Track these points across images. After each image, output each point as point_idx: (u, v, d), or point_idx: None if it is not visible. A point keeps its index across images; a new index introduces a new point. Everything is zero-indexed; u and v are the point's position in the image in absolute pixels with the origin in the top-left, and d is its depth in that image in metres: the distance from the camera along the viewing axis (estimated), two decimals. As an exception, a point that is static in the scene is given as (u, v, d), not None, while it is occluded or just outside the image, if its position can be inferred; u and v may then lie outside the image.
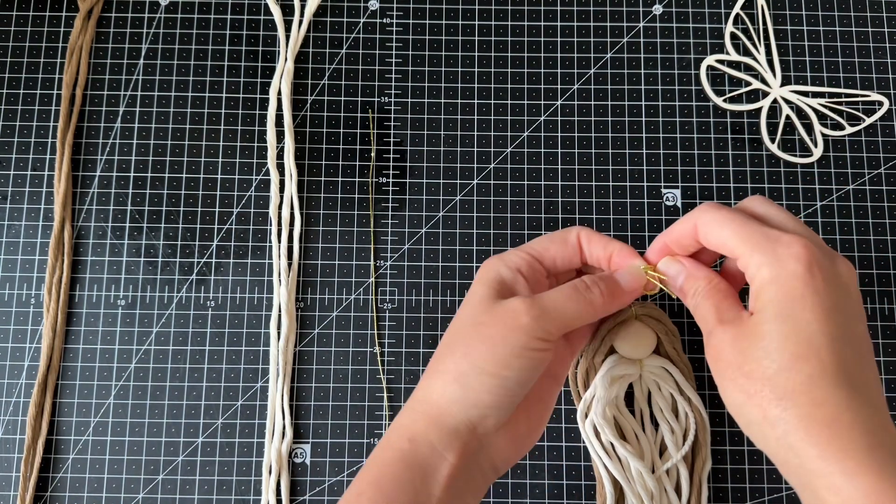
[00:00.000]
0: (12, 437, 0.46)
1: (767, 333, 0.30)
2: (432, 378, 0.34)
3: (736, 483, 0.45)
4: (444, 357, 0.34)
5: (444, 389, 0.33)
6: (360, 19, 0.51)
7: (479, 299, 0.35)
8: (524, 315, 0.33)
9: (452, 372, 0.33)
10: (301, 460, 0.46)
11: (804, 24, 0.51)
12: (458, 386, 0.33)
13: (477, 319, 0.34)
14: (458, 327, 0.35)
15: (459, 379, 0.33)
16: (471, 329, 0.34)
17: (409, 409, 0.34)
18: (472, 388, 0.33)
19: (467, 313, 0.35)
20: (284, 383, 0.46)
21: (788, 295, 0.30)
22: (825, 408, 0.28)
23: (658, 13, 0.51)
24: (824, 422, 0.28)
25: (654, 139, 0.50)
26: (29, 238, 0.48)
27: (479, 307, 0.34)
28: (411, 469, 0.32)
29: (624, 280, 0.36)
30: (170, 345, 0.47)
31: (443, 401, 0.33)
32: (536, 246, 0.37)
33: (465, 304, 0.36)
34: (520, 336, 0.33)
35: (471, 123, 0.50)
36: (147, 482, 0.45)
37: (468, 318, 0.35)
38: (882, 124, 0.50)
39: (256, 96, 0.50)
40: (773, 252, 0.30)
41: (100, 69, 0.51)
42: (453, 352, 0.34)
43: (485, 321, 0.34)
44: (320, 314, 0.48)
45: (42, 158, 0.49)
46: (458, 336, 0.34)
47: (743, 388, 0.30)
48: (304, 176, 0.49)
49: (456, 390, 0.33)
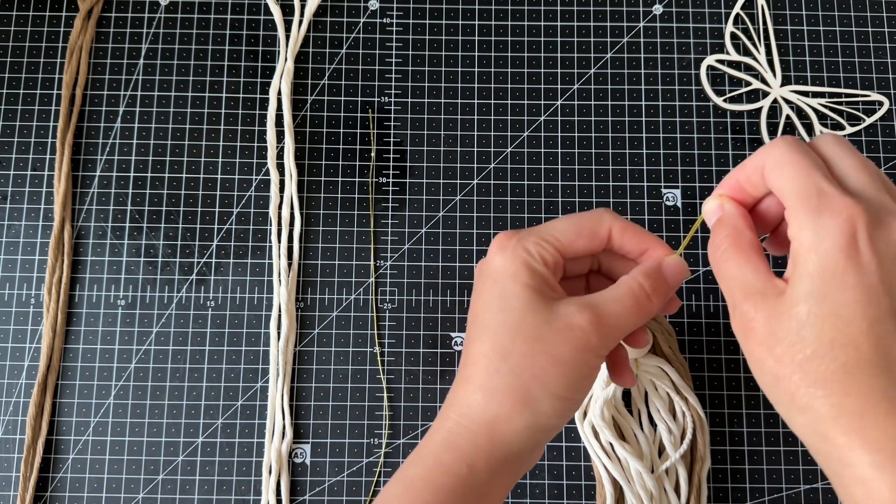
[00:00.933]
0: (12, 437, 0.46)
1: (801, 315, 0.27)
2: (490, 396, 0.31)
3: (736, 483, 0.45)
4: (500, 371, 0.31)
5: (511, 415, 0.31)
6: (360, 19, 0.51)
7: (524, 303, 0.31)
8: (594, 336, 0.30)
9: (519, 396, 0.31)
10: (301, 460, 0.46)
11: (804, 24, 0.51)
12: (529, 413, 0.31)
13: (537, 335, 0.31)
14: (509, 341, 0.31)
15: (530, 404, 0.30)
16: (534, 346, 0.31)
17: (465, 429, 0.31)
18: (544, 414, 0.31)
19: (514, 319, 0.31)
20: (284, 383, 0.46)
21: (828, 270, 0.26)
22: (857, 397, 0.26)
23: (658, 13, 0.51)
24: (856, 412, 0.26)
25: (654, 139, 0.50)
26: (29, 238, 0.48)
27: (529, 314, 0.31)
28: (469, 498, 0.31)
29: (671, 276, 0.33)
30: (170, 345, 0.47)
31: (510, 428, 0.31)
32: (561, 238, 0.32)
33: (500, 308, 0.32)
34: (589, 357, 0.30)
35: (471, 123, 0.50)
36: (147, 482, 0.45)
37: (522, 333, 0.31)
38: (882, 124, 0.50)
39: (256, 96, 0.50)
40: (818, 214, 0.27)
41: (100, 69, 0.51)
42: (512, 369, 0.31)
43: (546, 337, 0.31)
44: (320, 314, 0.48)
45: (42, 158, 0.49)
46: (513, 349, 0.31)
47: (772, 370, 0.28)
48: (304, 176, 0.49)
49: (526, 417, 0.31)
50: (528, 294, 0.31)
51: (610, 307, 0.31)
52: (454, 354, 0.47)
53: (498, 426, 0.31)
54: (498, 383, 0.31)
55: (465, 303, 0.48)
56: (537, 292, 0.31)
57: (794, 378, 0.27)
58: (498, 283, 0.32)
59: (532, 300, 0.31)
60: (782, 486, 0.45)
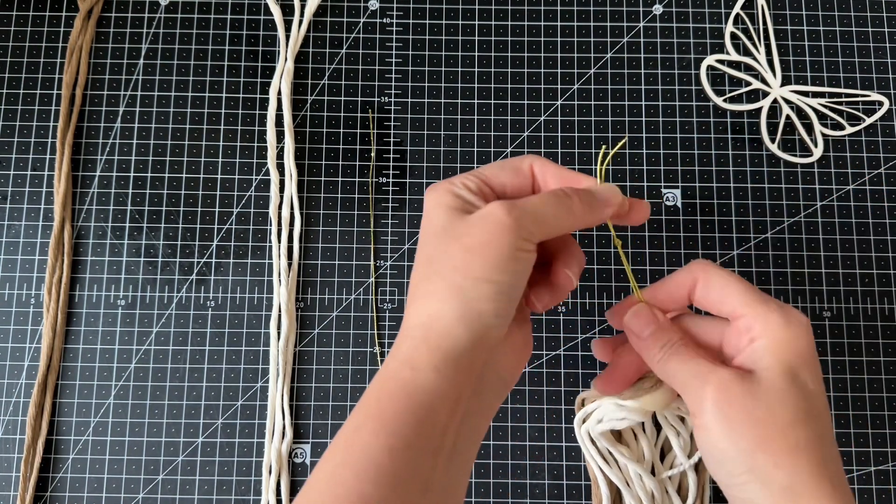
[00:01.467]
0: (12, 437, 0.46)
1: (780, 387, 0.31)
2: (423, 301, 0.32)
3: (736, 483, 0.45)
4: (429, 277, 0.32)
5: (442, 308, 0.31)
6: (360, 19, 0.51)
7: (444, 220, 0.33)
8: (506, 216, 0.31)
9: (445, 289, 0.31)
10: (301, 460, 0.46)
11: (804, 24, 0.51)
12: (457, 301, 0.31)
13: (454, 233, 0.32)
14: (433, 248, 0.32)
15: (456, 294, 0.31)
16: (451, 243, 0.32)
17: (407, 337, 0.32)
18: (472, 300, 0.31)
19: (437, 235, 0.33)
20: (284, 383, 0.46)
21: (799, 358, 0.32)
22: (831, 465, 0.31)
23: (658, 13, 0.51)
24: (830, 477, 0.30)
25: (654, 139, 0.50)
26: (29, 238, 0.48)
27: (449, 224, 0.32)
28: (414, 398, 0.30)
29: (602, 195, 0.34)
30: (170, 345, 0.47)
31: (443, 322, 0.31)
32: (486, 171, 0.35)
33: (426, 231, 0.33)
34: (508, 237, 0.31)
35: (471, 123, 0.50)
36: (147, 482, 0.45)
37: (441, 237, 0.32)
38: (882, 124, 0.50)
39: (256, 96, 0.50)
40: (786, 316, 0.32)
41: (100, 69, 0.51)
42: (437, 269, 0.32)
43: (465, 232, 0.32)
44: (320, 314, 0.48)
45: (42, 158, 0.49)
46: (437, 254, 0.32)
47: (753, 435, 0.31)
48: (304, 176, 0.49)
49: (455, 306, 0.31)
50: (448, 211, 0.33)
51: (528, 199, 0.33)
52: (454, 354, 0.47)
53: (432, 323, 0.31)
54: (428, 287, 0.32)
55: (465, 303, 0.48)
56: (458, 209, 0.33)
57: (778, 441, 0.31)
58: (427, 215, 0.34)
59: (452, 213, 0.33)
60: (782, 486, 0.45)
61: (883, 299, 0.47)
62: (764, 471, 0.30)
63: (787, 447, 0.30)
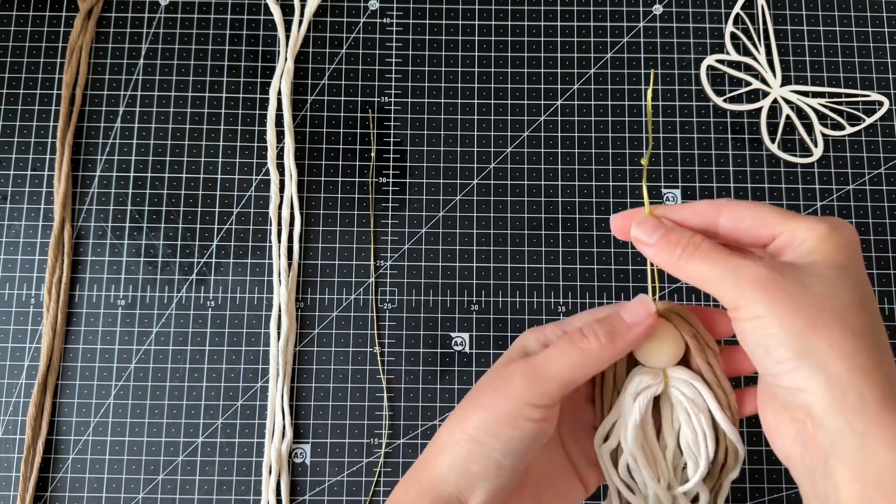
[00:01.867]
0: (12, 437, 0.46)
1: (832, 276, 0.29)
2: (429, 447, 0.33)
3: (736, 483, 0.45)
4: (444, 426, 0.33)
5: (437, 457, 0.32)
6: (360, 19, 0.52)
7: (492, 369, 0.33)
8: (517, 378, 0.30)
9: (445, 440, 0.32)
10: (301, 460, 0.46)
11: (804, 24, 0.51)
12: (448, 454, 0.31)
13: (477, 387, 0.32)
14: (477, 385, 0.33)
15: (451, 448, 0.31)
16: (469, 397, 0.32)
17: (405, 479, 0.33)
18: (461, 457, 0.31)
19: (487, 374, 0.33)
20: (284, 383, 0.46)
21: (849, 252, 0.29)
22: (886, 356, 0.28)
23: (658, 13, 0.51)
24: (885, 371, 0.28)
25: (653, 139, 0.50)
26: (29, 238, 0.48)
27: (487, 376, 0.32)
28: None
29: (628, 313, 0.32)
30: (170, 345, 0.47)
31: (436, 470, 0.31)
32: (576, 322, 0.33)
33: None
34: (510, 402, 0.30)
35: (471, 123, 0.50)
36: (147, 482, 0.45)
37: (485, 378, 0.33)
38: (882, 124, 0.50)
39: (256, 96, 0.50)
40: (831, 220, 0.30)
41: (100, 69, 0.51)
42: (450, 421, 0.32)
43: (481, 386, 0.32)
44: (320, 314, 0.48)
45: (42, 158, 0.49)
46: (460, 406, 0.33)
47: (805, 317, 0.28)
48: (304, 176, 0.49)
49: (446, 459, 0.31)
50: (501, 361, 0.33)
51: (544, 352, 0.31)
52: (454, 354, 0.47)
53: (427, 469, 0.32)
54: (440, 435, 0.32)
55: (465, 303, 0.48)
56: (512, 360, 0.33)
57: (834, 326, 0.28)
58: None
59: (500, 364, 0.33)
60: (782, 486, 0.45)
61: (883, 299, 0.47)
62: (818, 353, 0.28)
63: (843, 331, 0.28)
